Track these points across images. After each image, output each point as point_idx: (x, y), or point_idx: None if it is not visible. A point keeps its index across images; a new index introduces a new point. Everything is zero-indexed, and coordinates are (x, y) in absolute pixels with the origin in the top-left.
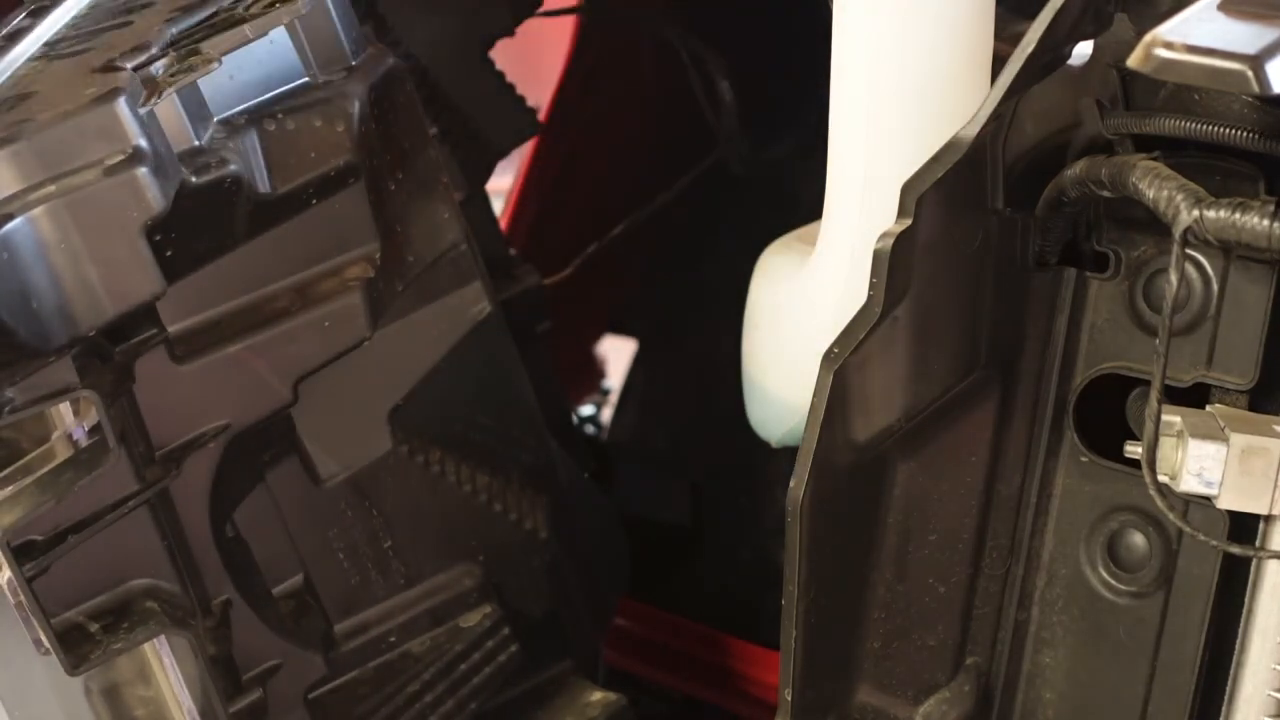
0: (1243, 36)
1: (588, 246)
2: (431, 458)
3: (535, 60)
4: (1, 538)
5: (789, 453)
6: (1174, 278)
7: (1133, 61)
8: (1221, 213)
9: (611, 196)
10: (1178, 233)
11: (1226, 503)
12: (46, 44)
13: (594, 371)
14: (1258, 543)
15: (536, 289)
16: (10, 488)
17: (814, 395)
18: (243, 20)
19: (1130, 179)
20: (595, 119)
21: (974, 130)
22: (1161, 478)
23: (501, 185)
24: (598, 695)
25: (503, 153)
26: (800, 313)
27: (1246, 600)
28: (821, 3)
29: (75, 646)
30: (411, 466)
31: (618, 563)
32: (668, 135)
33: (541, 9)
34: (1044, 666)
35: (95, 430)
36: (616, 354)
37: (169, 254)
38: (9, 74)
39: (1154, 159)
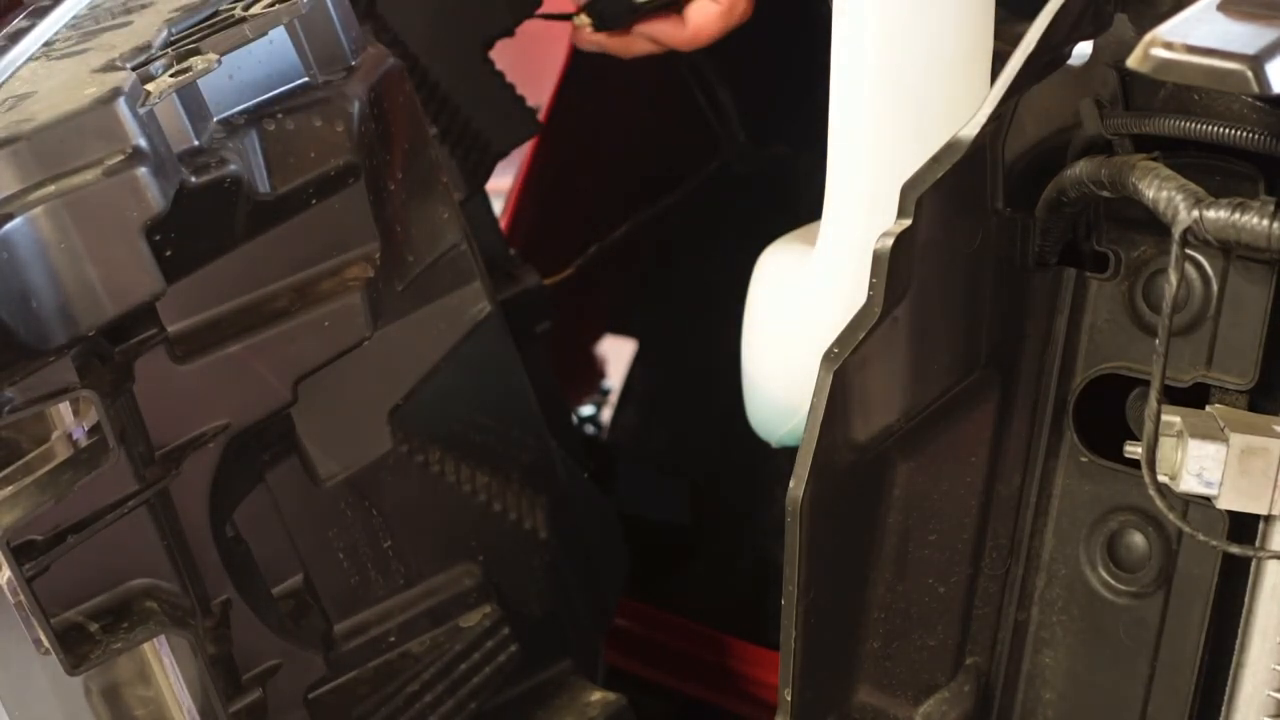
0: (1242, 36)
1: (588, 246)
2: (431, 458)
3: (535, 60)
4: (1, 537)
5: (789, 453)
6: (1173, 278)
7: (1132, 61)
8: (1221, 213)
9: (611, 196)
10: (1177, 233)
11: (1226, 503)
12: (46, 44)
13: (594, 371)
14: (1258, 543)
15: (536, 289)
16: (10, 488)
17: (814, 395)
18: (242, 20)
19: (1130, 179)
20: (595, 119)
21: (974, 130)
22: (1161, 478)
23: (501, 185)
24: (598, 695)
25: (503, 153)
26: (800, 313)
27: (1246, 600)
28: (820, 1)
29: (75, 646)
30: (411, 466)
31: (618, 563)
32: (668, 134)
33: (541, 9)
34: (1044, 666)
35: (95, 430)
36: (616, 354)
37: (169, 254)
38: (9, 74)
39: (1154, 159)
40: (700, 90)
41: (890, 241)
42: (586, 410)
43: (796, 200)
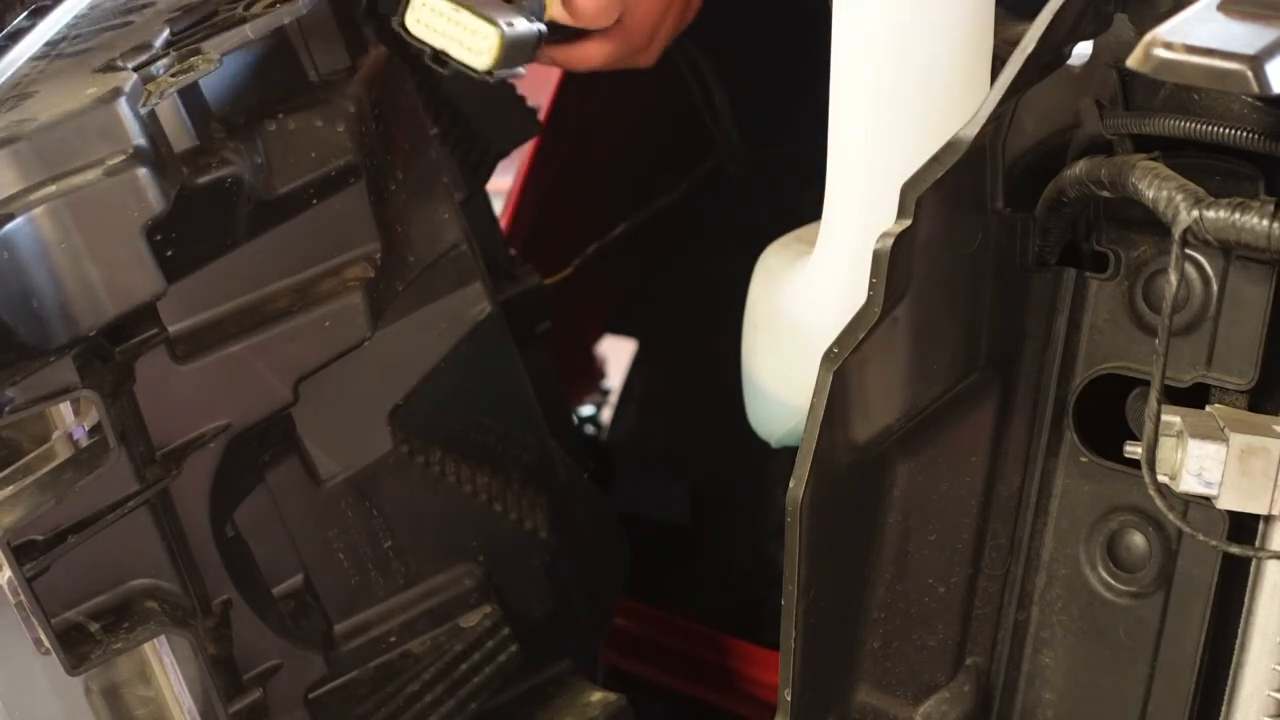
0: (1242, 36)
1: (588, 246)
2: (431, 458)
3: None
4: (2, 537)
5: (789, 453)
6: (1173, 278)
7: (1132, 61)
8: (1221, 213)
9: (611, 197)
10: (1177, 233)
11: (1226, 503)
12: (47, 44)
13: (594, 371)
14: (1258, 543)
15: (536, 289)
16: (10, 488)
17: (814, 395)
18: (243, 20)
19: (1130, 179)
20: (595, 119)
21: (974, 130)
22: (1161, 478)
23: (501, 185)
24: (598, 695)
25: (503, 153)
26: (800, 313)
27: (1246, 600)
28: (820, 2)
29: (75, 646)
30: (411, 466)
31: (618, 563)
32: (667, 135)
33: None
34: (1044, 666)
35: (95, 430)
36: (616, 354)
37: (169, 254)
38: (9, 74)
39: (1154, 159)
40: (699, 90)
41: (890, 241)
42: (586, 410)
43: (795, 201)
